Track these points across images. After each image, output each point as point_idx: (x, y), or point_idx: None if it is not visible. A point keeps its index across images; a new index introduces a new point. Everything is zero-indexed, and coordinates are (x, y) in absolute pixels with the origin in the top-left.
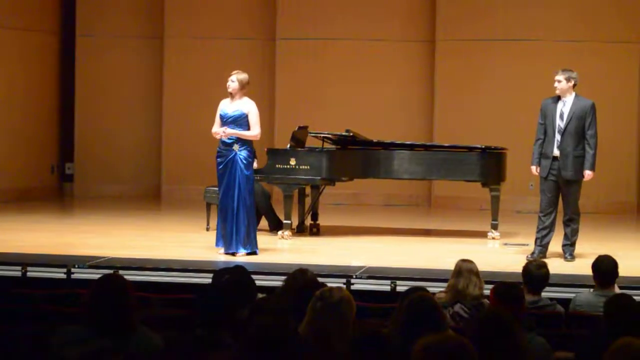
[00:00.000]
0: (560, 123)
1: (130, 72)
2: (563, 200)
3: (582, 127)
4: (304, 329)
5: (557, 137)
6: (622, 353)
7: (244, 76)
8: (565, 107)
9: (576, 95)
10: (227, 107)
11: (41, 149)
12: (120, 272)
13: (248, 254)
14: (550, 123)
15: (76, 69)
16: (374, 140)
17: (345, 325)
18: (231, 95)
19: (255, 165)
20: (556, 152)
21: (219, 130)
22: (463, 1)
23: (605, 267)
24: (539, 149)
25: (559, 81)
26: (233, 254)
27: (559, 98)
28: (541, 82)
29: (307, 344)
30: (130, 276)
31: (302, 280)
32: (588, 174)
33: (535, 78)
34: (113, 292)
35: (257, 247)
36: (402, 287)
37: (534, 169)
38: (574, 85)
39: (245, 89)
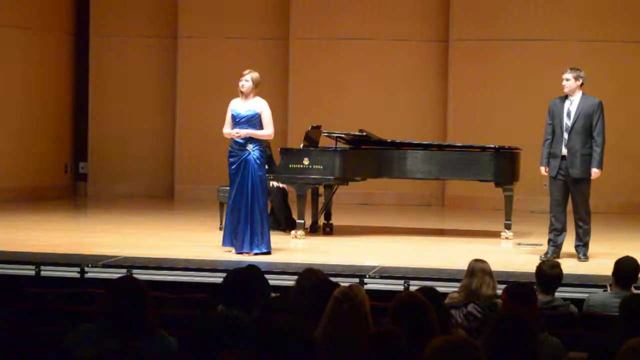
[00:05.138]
0: (567, 122)
1: (144, 72)
2: (572, 200)
3: (589, 126)
4: (325, 330)
5: (565, 135)
6: (635, 353)
7: (257, 75)
8: (572, 105)
9: (583, 94)
10: (239, 107)
11: (55, 148)
12: (134, 271)
13: (261, 253)
14: (558, 122)
15: (90, 69)
16: (388, 140)
17: (366, 324)
18: (243, 95)
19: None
20: (564, 151)
21: (232, 131)
22: (477, 1)
23: (626, 268)
24: (548, 149)
25: (567, 79)
26: (247, 254)
27: (566, 97)
28: (554, 82)
29: (327, 345)
30: (144, 275)
31: (314, 279)
32: (595, 172)
33: (548, 78)
34: (130, 294)
35: (270, 247)
36: (415, 286)
37: (543, 170)
38: (582, 84)
39: (257, 87)
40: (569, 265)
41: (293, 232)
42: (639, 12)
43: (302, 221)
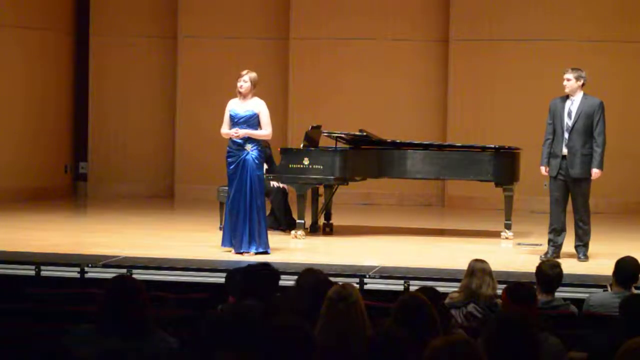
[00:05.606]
0: (568, 121)
1: (144, 72)
2: (572, 200)
3: (590, 126)
4: (322, 330)
5: (566, 135)
6: (635, 353)
7: (254, 75)
8: (573, 105)
9: (584, 94)
10: (237, 107)
11: (55, 149)
12: (134, 271)
13: (260, 253)
14: (558, 122)
15: (90, 69)
16: (388, 140)
17: (363, 323)
18: (242, 95)
19: None
20: (565, 151)
21: (230, 132)
22: (477, 1)
23: (626, 268)
24: (548, 149)
25: (569, 79)
26: (246, 254)
27: (567, 97)
28: (555, 82)
29: (325, 345)
30: (144, 275)
31: (314, 280)
32: (595, 172)
33: (548, 78)
34: (124, 293)
35: (269, 247)
36: (415, 286)
37: (543, 170)
38: (583, 85)
39: (256, 88)
40: (569, 265)
41: (293, 232)
42: (638, 12)
43: (302, 221)
